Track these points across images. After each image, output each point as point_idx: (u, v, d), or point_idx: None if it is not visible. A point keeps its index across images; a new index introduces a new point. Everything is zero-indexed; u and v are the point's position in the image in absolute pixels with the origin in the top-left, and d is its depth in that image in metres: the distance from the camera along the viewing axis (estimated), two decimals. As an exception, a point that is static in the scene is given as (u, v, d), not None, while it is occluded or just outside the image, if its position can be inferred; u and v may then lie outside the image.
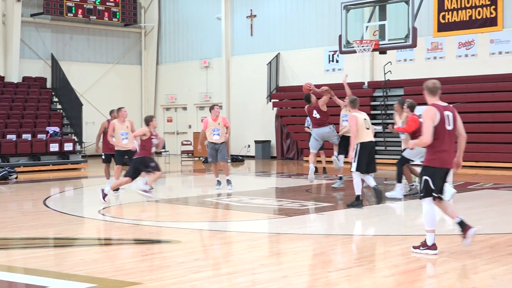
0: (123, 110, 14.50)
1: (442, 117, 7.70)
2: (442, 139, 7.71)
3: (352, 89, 24.28)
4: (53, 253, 8.59)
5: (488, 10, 21.38)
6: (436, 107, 7.73)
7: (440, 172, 7.82)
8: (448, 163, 7.87)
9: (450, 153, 7.85)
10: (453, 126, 7.80)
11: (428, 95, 7.95)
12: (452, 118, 7.80)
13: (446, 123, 7.71)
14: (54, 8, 28.21)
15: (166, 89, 32.15)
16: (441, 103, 7.85)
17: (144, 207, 12.84)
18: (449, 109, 7.82)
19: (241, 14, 28.73)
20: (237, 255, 8.17)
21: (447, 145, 7.78)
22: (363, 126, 11.77)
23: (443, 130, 7.69)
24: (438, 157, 7.77)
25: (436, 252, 7.69)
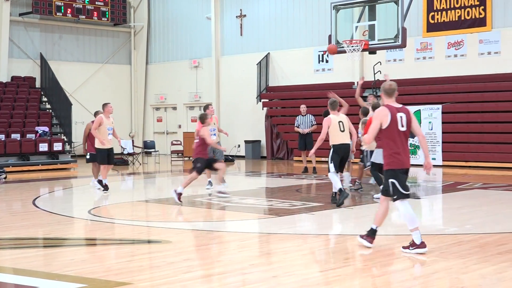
0: (109, 105, 14.77)
1: (394, 118, 7.78)
2: (394, 140, 7.82)
3: (342, 89, 24.49)
4: (42, 253, 8.56)
5: (477, 11, 21.46)
6: (389, 108, 7.83)
7: (402, 172, 7.91)
8: (405, 164, 7.93)
9: (405, 154, 7.91)
10: (406, 127, 7.86)
11: (384, 96, 8.05)
12: (406, 119, 7.87)
13: (398, 124, 7.79)
14: (43, 8, 28.10)
15: (156, 89, 32.09)
16: (395, 104, 7.94)
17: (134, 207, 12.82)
18: (403, 111, 7.91)
19: (231, 14, 28.72)
20: (227, 255, 8.17)
21: (400, 146, 7.87)
22: (337, 129, 12.00)
23: (396, 131, 7.79)
24: (395, 159, 7.86)
25: (426, 249, 7.73)
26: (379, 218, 8.13)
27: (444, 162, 21.28)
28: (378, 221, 8.14)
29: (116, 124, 15.16)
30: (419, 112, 21.82)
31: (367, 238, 8.13)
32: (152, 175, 21.31)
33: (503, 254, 7.65)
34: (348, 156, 12.51)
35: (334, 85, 24.85)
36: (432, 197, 14.11)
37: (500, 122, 20.58)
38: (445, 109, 21.48)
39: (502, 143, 20.40)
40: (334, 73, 25.45)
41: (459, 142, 21.28)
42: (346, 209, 11.67)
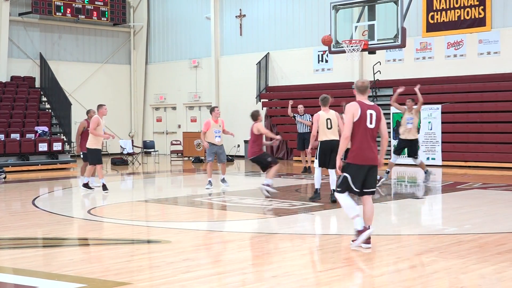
0: (104, 107, 15.07)
1: (363, 114, 7.93)
2: (361, 136, 7.96)
3: (341, 89, 24.50)
4: (42, 253, 8.55)
5: (477, 11, 21.47)
6: (360, 104, 7.99)
7: (362, 169, 8.01)
8: (368, 160, 8.03)
9: (371, 151, 8.02)
10: (375, 125, 7.99)
11: (357, 93, 8.21)
12: (375, 117, 8.01)
13: (367, 121, 7.93)
14: (42, 7, 28.10)
15: (155, 88, 32.09)
16: (366, 101, 8.10)
17: (133, 207, 12.82)
18: (373, 109, 8.06)
19: (230, 13, 28.72)
20: (227, 255, 8.17)
21: (367, 143, 7.99)
22: (324, 126, 12.26)
23: (363, 127, 7.93)
24: (359, 154, 8.00)
25: (370, 231, 7.96)
26: (368, 217, 8.19)
27: (444, 162, 21.28)
28: (367, 220, 8.17)
29: (115, 124, 15.39)
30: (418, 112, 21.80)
31: (367, 241, 8.10)
32: (152, 175, 21.31)
33: (503, 254, 7.65)
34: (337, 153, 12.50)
35: (333, 85, 24.90)
36: (432, 197, 14.11)
37: (500, 122, 20.59)
38: (445, 109, 21.49)
39: (501, 143, 20.40)
40: (333, 73, 25.46)
41: (459, 142, 21.29)
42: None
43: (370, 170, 8.07)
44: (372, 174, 8.12)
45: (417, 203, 13.10)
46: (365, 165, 8.01)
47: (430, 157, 21.59)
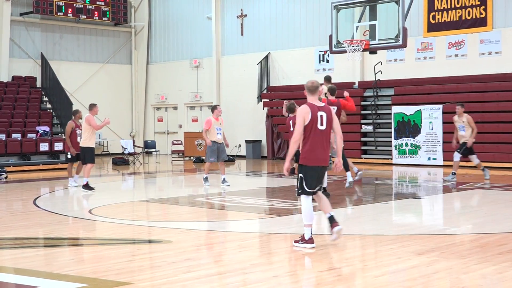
0: (96, 106, 15.40)
1: (314, 116, 8.00)
2: (313, 138, 8.02)
3: (343, 89, 24.43)
4: (43, 253, 8.56)
5: (478, 11, 21.46)
6: (310, 106, 8.04)
7: (315, 170, 8.12)
8: (321, 161, 8.13)
9: (323, 152, 8.13)
10: (326, 126, 8.07)
11: (308, 94, 8.25)
12: (326, 118, 8.08)
13: (318, 123, 8.00)
14: (43, 7, 28.12)
15: (157, 88, 32.10)
16: (317, 103, 8.15)
17: (135, 207, 12.82)
18: (324, 110, 8.12)
19: (232, 13, 28.72)
20: (228, 255, 8.16)
21: (319, 144, 8.07)
22: None
23: (315, 129, 8.00)
24: (309, 155, 8.08)
25: (313, 245, 8.02)
26: (325, 207, 8.35)
27: (445, 162, 21.26)
28: (326, 210, 8.33)
29: (116, 123, 15.56)
30: (419, 112, 21.84)
31: (333, 225, 8.24)
32: (153, 175, 21.32)
33: (504, 254, 7.65)
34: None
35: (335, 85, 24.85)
36: (433, 197, 14.10)
37: (501, 122, 20.57)
38: (446, 109, 21.47)
39: (502, 143, 20.39)
40: (335, 73, 25.40)
41: (460, 142, 21.23)
42: (347, 208, 11.68)
43: (321, 170, 8.24)
44: (323, 174, 8.34)
45: (418, 203, 13.10)
46: (318, 166, 8.14)
47: (432, 157, 21.59)
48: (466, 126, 16.61)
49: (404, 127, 22.20)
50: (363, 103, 24.15)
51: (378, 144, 23.53)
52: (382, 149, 23.30)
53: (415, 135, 21.95)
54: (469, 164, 20.49)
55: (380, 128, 23.62)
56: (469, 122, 16.57)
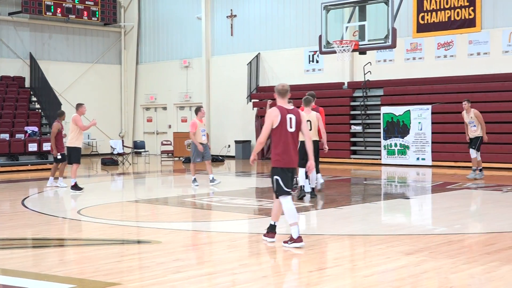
0: (83, 106, 15.35)
1: (283, 119, 8.19)
2: (283, 141, 8.24)
3: (332, 90, 24.54)
4: (31, 254, 8.52)
5: (467, 11, 21.55)
6: (279, 109, 8.23)
7: (286, 172, 8.36)
8: (291, 163, 8.36)
9: (294, 154, 8.34)
10: (295, 128, 8.25)
11: (277, 97, 8.41)
12: (295, 121, 8.26)
13: (287, 125, 8.20)
14: (32, 7, 28.01)
15: (146, 89, 32.04)
16: (286, 106, 8.34)
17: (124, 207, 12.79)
18: (293, 112, 8.30)
19: (221, 14, 28.71)
20: (217, 255, 8.16)
21: (288, 146, 8.28)
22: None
23: (284, 132, 8.21)
24: (282, 158, 8.32)
25: (303, 244, 8.13)
26: (275, 214, 8.54)
27: (434, 162, 21.36)
28: (274, 217, 8.52)
29: (106, 124, 15.49)
30: (408, 112, 21.90)
31: (269, 235, 8.48)
32: (142, 175, 21.27)
33: (492, 254, 7.68)
34: (318, 152, 13.08)
35: (324, 85, 24.93)
36: (422, 197, 14.15)
37: (489, 123, 20.60)
38: (435, 109, 21.55)
39: (490, 144, 20.43)
40: (324, 74, 25.49)
41: (449, 142, 21.35)
42: (336, 209, 11.70)
43: (293, 172, 8.47)
44: (293, 176, 8.53)
45: (407, 203, 13.13)
46: (289, 168, 8.35)
47: (420, 157, 21.66)
48: (475, 122, 16.90)
49: (393, 128, 22.26)
50: (352, 103, 24.20)
51: (367, 145, 23.57)
52: (371, 150, 23.35)
53: (404, 136, 22.02)
54: (457, 164, 20.59)
55: (369, 128, 23.68)
56: (477, 117, 16.86)
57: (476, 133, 16.95)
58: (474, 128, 16.95)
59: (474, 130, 16.96)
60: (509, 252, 7.84)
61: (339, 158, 23.58)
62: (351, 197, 13.65)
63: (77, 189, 14.76)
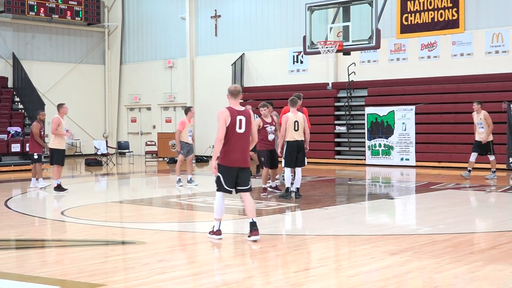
0: (65, 106, 14.99)
1: (233, 120, 8.51)
2: (231, 141, 8.55)
3: (316, 90, 24.58)
4: (14, 255, 8.46)
5: (450, 13, 21.66)
6: (230, 110, 8.55)
7: (230, 171, 8.60)
8: (237, 162, 8.62)
9: (241, 154, 8.61)
10: (245, 129, 8.57)
11: (230, 97, 8.73)
12: (245, 122, 8.58)
13: (236, 126, 8.52)
14: (15, 7, 27.83)
15: (130, 89, 31.93)
16: (237, 107, 8.65)
17: (108, 208, 12.74)
18: (243, 114, 8.62)
19: (206, 14, 28.67)
20: (202, 256, 8.15)
21: (237, 146, 8.57)
22: (292, 127, 12.86)
23: (233, 132, 8.52)
24: (226, 156, 8.61)
25: (220, 237, 8.66)
26: (249, 212, 8.71)
27: (418, 163, 21.45)
28: (250, 214, 8.69)
29: (89, 124, 15.33)
30: (392, 112, 21.99)
31: (252, 233, 8.58)
32: (126, 176, 21.19)
33: (476, 254, 7.73)
34: (303, 152, 13.18)
35: (308, 85, 24.97)
36: (406, 197, 14.20)
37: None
38: (419, 110, 21.65)
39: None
40: (308, 74, 25.53)
41: (433, 143, 21.47)
42: (321, 209, 11.72)
43: (240, 171, 8.65)
44: (243, 175, 8.67)
45: (391, 204, 13.18)
46: (233, 167, 8.60)
47: (404, 158, 21.75)
48: (483, 123, 17.06)
49: (378, 128, 22.34)
50: (336, 104, 24.25)
51: (351, 145, 23.64)
52: (356, 150, 23.42)
53: (388, 136, 22.10)
54: (441, 164, 20.69)
55: (354, 129, 23.75)
56: (486, 119, 17.02)
57: (482, 135, 17.02)
58: (482, 130, 17.07)
59: (481, 131, 17.07)
60: (493, 251, 7.89)
61: (323, 159, 23.63)
62: (335, 197, 13.68)
63: (61, 190, 14.66)
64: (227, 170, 8.59)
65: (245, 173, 8.68)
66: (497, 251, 7.93)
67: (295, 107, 13.03)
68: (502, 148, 20.00)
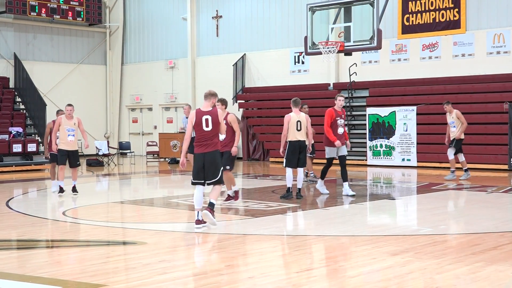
0: (67, 107, 14.53)
1: (199, 120, 9.61)
2: (198, 137, 9.69)
3: (318, 91, 24.59)
4: (16, 256, 8.47)
5: (452, 13, 21.66)
6: (197, 112, 9.69)
7: (196, 158, 9.77)
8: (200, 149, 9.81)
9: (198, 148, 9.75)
10: (212, 127, 9.64)
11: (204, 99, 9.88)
12: (212, 121, 9.64)
13: (203, 125, 9.62)
14: (17, 7, 27.85)
15: (131, 89, 31.94)
16: (205, 108, 9.74)
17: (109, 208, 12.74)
18: (210, 113, 9.69)
19: (207, 14, 28.68)
20: (203, 256, 8.15)
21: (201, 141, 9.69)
22: (294, 127, 12.95)
23: (199, 131, 9.66)
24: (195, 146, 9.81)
25: (199, 226, 9.57)
26: (211, 195, 9.82)
27: (419, 163, 21.44)
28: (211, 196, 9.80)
29: (91, 124, 15.13)
30: (394, 113, 21.98)
31: (207, 208, 9.63)
32: (128, 176, 21.20)
33: (477, 254, 7.73)
34: (305, 152, 13.29)
35: (310, 86, 24.99)
36: (407, 198, 14.20)
37: (474, 124, 20.76)
38: (420, 110, 21.65)
39: (475, 144, 20.59)
40: (310, 75, 25.53)
41: (434, 143, 21.45)
42: (322, 210, 11.72)
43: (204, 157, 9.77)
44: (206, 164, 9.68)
45: (392, 204, 13.17)
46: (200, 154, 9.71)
47: (406, 158, 21.74)
48: (456, 122, 17.00)
49: (379, 129, 22.33)
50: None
51: (353, 145, 23.60)
52: (357, 150, 23.41)
53: (390, 137, 22.10)
54: (443, 165, 20.69)
55: (355, 129, 23.75)
56: (458, 117, 17.00)
57: (455, 134, 17.00)
58: (453, 129, 17.03)
59: (453, 131, 17.03)
60: (494, 252, 7.89)
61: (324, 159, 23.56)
62: (337, 198, 13.67)
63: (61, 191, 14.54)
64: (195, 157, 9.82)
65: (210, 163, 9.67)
66: (498, 251, 7.93)
67: (298, 107, 13.04)
68: (503, 149, 20.01)
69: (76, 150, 14.63)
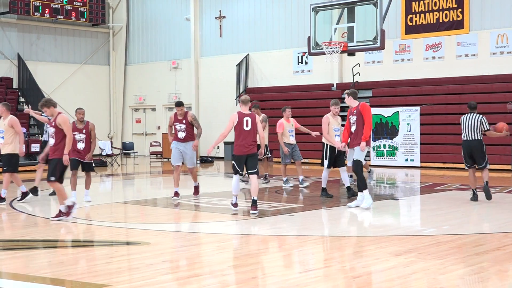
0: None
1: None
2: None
3: (321, 91, 24.58)
4: (19, 256, 8.47)
5: (455, 13, 21.61)
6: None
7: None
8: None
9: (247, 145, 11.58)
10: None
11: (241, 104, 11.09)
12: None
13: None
14: (20, 7, 27.89)
15: (135, 89, 31.97)
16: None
17: (112, 209, 12.76)
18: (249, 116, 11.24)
19: (210, 15, 28.69)
20: (206, 256, 8.15)
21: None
22: (333, 130, 13.53)
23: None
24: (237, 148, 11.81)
25: (237, 209, 11.22)
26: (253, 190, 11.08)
27: (422, 164, 21.42)
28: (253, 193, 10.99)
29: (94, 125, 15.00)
30: (397, 113, 21.96)
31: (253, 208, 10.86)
32: (131, 177, 21.21)
33: (480, 255, 7.72)
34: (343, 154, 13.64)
35: (313, 86, 24.98)
36: (410, 198, 14.19)
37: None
38: (423, 110, 21.63)
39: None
40: (313, 75, 25.52)
41: (437, 144, 21.44)
42: (325, 210, 11.71)
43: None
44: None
45: (395, 204, 13.16)
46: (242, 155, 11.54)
47: (409, 159, 21.72)
48: None
49: (382, 129, 22.32)
50: (341, 105, 24.16)
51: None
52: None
53: (393, 137, 22.08)
54: (446, 165, 20.66)
55: (358, 129, 23.70)
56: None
57: None
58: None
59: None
60: (497, 253, 7.88)
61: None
62: (340, 198, 13.66)
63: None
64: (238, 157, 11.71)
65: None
66: (502, 252, 7.92)
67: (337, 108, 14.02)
68: (507, 149, 19.98)
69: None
